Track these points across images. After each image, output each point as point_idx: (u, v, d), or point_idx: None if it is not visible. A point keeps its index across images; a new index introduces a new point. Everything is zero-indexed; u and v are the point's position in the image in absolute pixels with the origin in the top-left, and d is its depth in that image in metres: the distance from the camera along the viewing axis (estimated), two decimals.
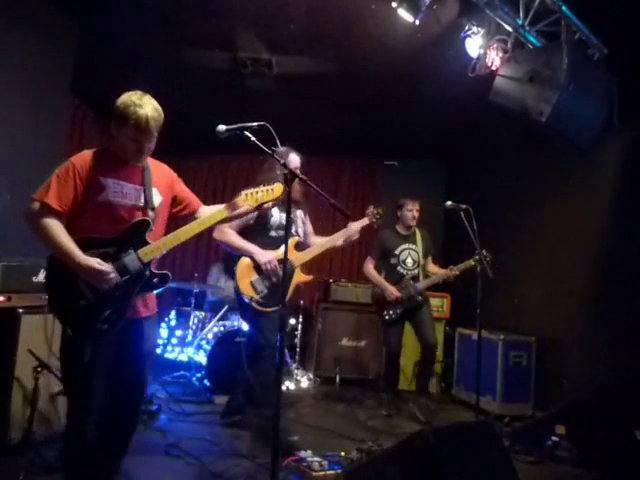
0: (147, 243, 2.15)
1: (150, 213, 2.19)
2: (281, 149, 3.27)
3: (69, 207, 2.05)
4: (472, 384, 3.66)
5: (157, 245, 2.16)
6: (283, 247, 3.14)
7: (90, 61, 4.25)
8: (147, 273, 2.16)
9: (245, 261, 3.20)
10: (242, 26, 3.84)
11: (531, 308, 4.65)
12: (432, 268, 4.47)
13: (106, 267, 2.03)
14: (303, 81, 4.59)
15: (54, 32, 3.75)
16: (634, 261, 3.54)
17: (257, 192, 2.35)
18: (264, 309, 3.16)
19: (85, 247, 2.03)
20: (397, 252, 4.36)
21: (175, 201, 2.38)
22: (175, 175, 2.43)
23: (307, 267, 5.60)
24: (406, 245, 4.38)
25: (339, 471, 2.67)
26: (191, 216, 2.43)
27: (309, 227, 3.57)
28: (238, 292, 3.22)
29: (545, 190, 4.64)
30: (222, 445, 3.12)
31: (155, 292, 2.26)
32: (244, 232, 3.24)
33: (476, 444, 2.29)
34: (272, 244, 3.23)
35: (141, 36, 4.03)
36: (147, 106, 2.08)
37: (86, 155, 2.14)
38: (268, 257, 3.16)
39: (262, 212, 3.13)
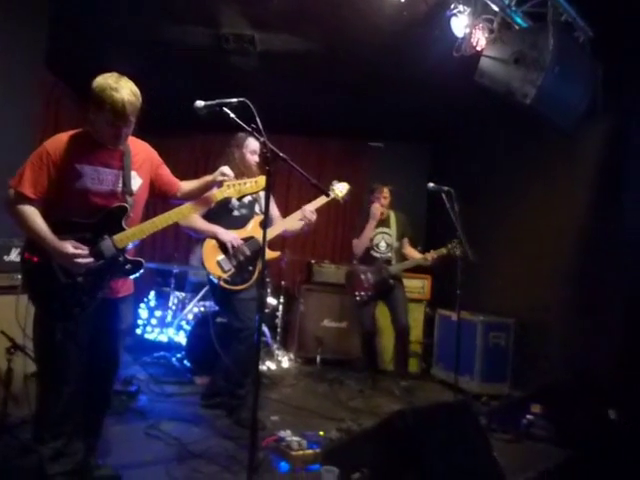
0: (123, 229, 2.15)
1: (128, 199, 2.18)
2: (240, 135, 3.33)
3: (44, 193, 2.05)
4: (451, 364, 3.71)
5: (133, 232, 2.16)
6: (248, 225, 3.28)
7: (66, 36, 4.09)
8: (121, 259, 2.16)
9: (210, 242, 3.23)
10: (225, 1, 3.73)
11: (511, 290, 4.71)
12: (410, 251, 4.50)
13: (80, 250, 2.03)
14: (287, 59, 4.50)
15: (26, 5, 3.59)
16: (614, 245, 3.59)
17: (239, 184, 2.36)
18: (232, 287, 3.16)
19: (61, 231, 2.04)
20: (371, 236, 4.44)
21: (155, 183, 2.36)
22: (156, 156, 2.40)
23: (291, 248, 5.62)
24: (380, 229, 4.46)
25: (318, 450, 2.69)
26: (170, 197, 2.43)
27: (276, 211, 3.55)
28: (207, 273, 3.25)
29: (528, 173, 4.67)
30: (202, 426, 3.13)
31: (128, 278, 2.26)
32: (207, 216, 3.25)
33: (454, 423, 2.33)
34: (236, 223, 3.29)
35: (120, 10, 3.89)
36: (123, 90, 2.02)
37: (61, 140, 2.09)
38: (230, 235, 3.21)
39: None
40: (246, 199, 3.31)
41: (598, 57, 3.35)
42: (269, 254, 3.34)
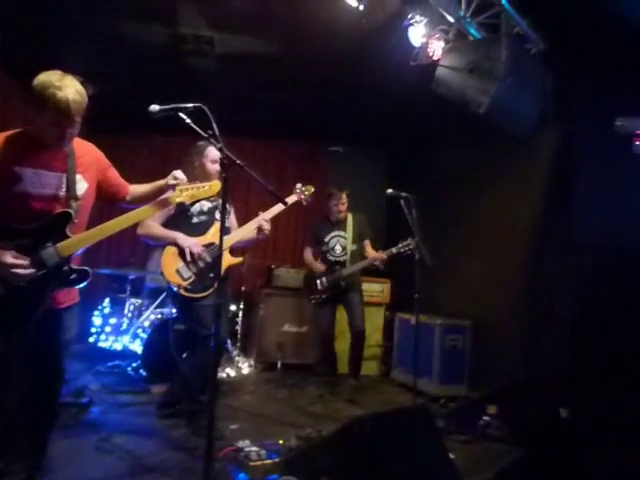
0: (67, 237, 2.03)
1: (73, 204, 2.06)
2: (200, 144, 3.26)
3: None
4: (411, 367, 3.76)
5: (78, 239, 2.05)
6: (209, 232, 3.20)
7: (17, 31, 3.92)
8: (65, 268, 2.04)
9: (171, 249, 3.13)
10: (184, 0, 3.66)
11: (468, 293, 4.82)
12: (370, 252, 4.51)
13: (21, 261, 1.91)
14: (247, 61, 4.45)
15: None
16: (565, 248, 3.73)
17: (192, 188, 2.29)
18: (193, 295, 3.08)
19: None
20: (327, 240, 4.50)
21: (102, 186, 2.26)
22: (103, 158, 2.30)
23: (251, 253, 5.56)
24: (335, 232, 4.50)
25: (277, 460, 2.66)
26: (119, 201, 2.35)
27: (233, 220, 3.51)
28: (167, 281, 3.15)
29: (483, 178, 4.79)
30: (157, 437, 3.04)
31: (74, 288, 2.16)
32: (167, 224, 3.17)
33: (412, 428, 2.35)
34: (196, 230, 3.20)
35: (75, 5, 3.74)
36: (68, 88, 1.93)
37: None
38: (191, 242, 3.12)
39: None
40: (205, 206, 3.25)
41: (549, 68, 3.47)
42: (231, 260, 3.28)
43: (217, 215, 3.33)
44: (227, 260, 3.24)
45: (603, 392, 3.28)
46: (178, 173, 2.35)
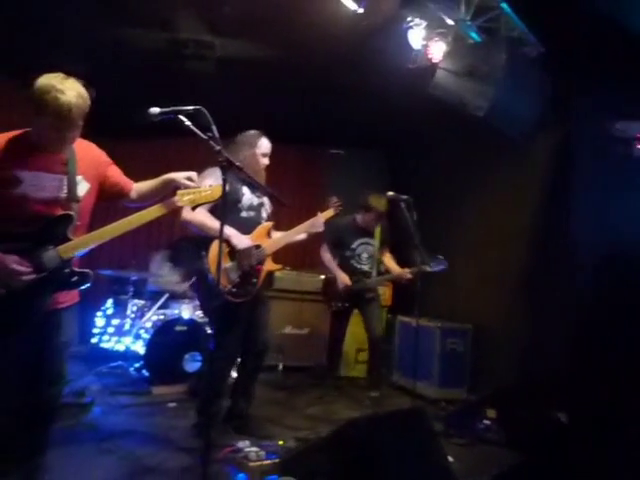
0: (69, 239, 2.02)
1: (74, 206, 2.05)
2: (252, 133, 3.16)
3: None
4: (411, 370, 3.76)
5: (80, 242, 2.03)
6: (258, 230, 3.07)
7: (18, 34, 3.96)
8: (66, 271, 2.03)
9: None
10: (183, 6, 3.69)
11: (468, 296, 4.82)
12: (388, 261, 4.38)
13: (24, 267, 1.90)
14: (246, 66, 4.48)
15: None
16: (563, 250, 3.73)
17: (194, 193, 2.25)
18: (235, 300, 2.90)
19: None
20: (354, 245, 4.29)
21: (105, 185, 2.24)
22: (104, 156, 2.27)
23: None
24: (364, 239, 4.30)
25: (276, 460, 2.67)
26: (123, 198, 2.32)
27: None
28: (208, 280, 2.87)
29: (481, 180, 4.80)
30: (157, 438, 3.07)
31: (75, 290, 2.15)
32: (213, 212, 2.94)
33: (408, 430, 2.35)
34: (243, 226, 3.01)
35: (76, 10, 3.78)
36: (69, 92, 1.89)
37: None
38: (247, 242, 2.95)
39: (233, 190, 2.95)
40: (255, 201, 3.12)
41: (548, 71, 3.48)
42: (272, 266, 3.16)
43: (264, 213, 3.21)
44: (269, 265, 3.12)
45: (603, 396, 3.28)
46: (194, 175, 2.30)
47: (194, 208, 2.36)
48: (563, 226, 3.72)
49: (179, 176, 2.28)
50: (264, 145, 3.16)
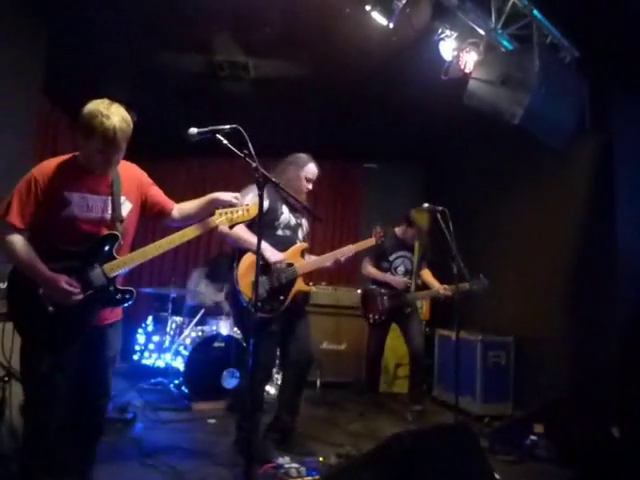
0: (114, 258, 2.11)
1: (118, 226, 2.14)
2: (302, 156, 3.21)
3: (32, 222, 2.02)
4: (452, 385, 3.67)
5: (123, 260, 2.12)
6: (292, 249, 3.11)
7: (63, 63, 4.18)
8: (111, 289, 2.11)
9: (251, 258, 2.93)
10: (218, 29, 3.82)
11: (509, 308, 4.69)
12: (427, 276, 4.33)
13: (74, 288, 1.98)
14: (280, 85, 4.58)
15: (24, 33, 3.67)
16: (609, 261, 3.60)
17: (231, 212, 2.32)
18: (261, 315, 2.89)
19: (48, 259, 1.99)
20: (391, 258, 4.27)
21: (146, 205, 2.32)
22: (145, 177, 2.36)
23: None
24: (402, 252, 4.29)
25: (317, 477, 2.64)
26: (165, 218, 2.39)
27: (306, 239, 3.40)
28: (236, 292, 2.95)
29: (520, 191, 4.70)
30: (199, 453, 3.08)
31: (119, 307, 2.22)
32: (250, 227, 2.99)
33: (453, 446, 2.29)
34: (278, 244, 3.04)
35: (115, 39, 3.98)
36: (114, 117, 1.98)
37: (49, 167, 2.06)
38: (279, 257, 2.97)
39: (272, 208, 3.03)
40: (292, 221, 3.16)
41: (584, 76, 3.41)
42: (302, 287, 3.16)
43: (300, 234, 3.24)
44: (299, 285, 3.12)
45: None
46: (239, 196, 2.37)
47: (232, 227, 2.40)
48: (608, 235, 3.59)
49: (224, 196, 2.34)
50: (310, 170, 3.19)
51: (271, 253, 2.96)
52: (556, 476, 3.00)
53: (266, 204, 2.80)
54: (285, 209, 3.16)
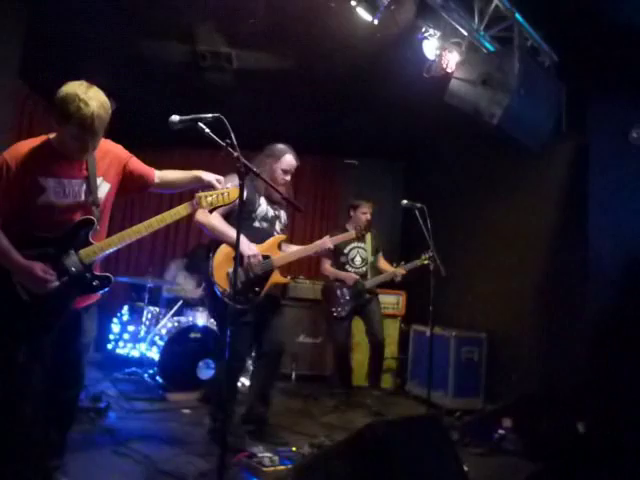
0: (90, 243, 2.05)
1: (95, 210, 2.08)
2: (279, 147, 3.17)
3: (5, 209, 1.94)
4: (425, 379, 3.74)
5: (100, 246, 2.06)
6: (266, 242, 3.10)
7: (41, 48, 4.08)
8: (88, 275, 2.06)
9: (226, 249, 2.96)
10: (201, 19, 3.78)
11: (483, 305, 4.79)
12: (384, 265, 4.55)
13: (49, 276, 1.93)
14: (263, 77, 4.56)
15: (1, 15, 3.58)
16: (580, 260, 3.70)
17: (212, 195, 2.29)
18: (234, 305, 2.89)
19: (22, 245, 1.92)
20: (346, 251, 4.46)
21: (128, 179, 2.24)
22: (121, 150, 2.27)
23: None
24: (355, 244, 4.45)
25: (290, 466, 2.67)
26: (150, 186, 2.33)
27: (285, 231, 3.41)
28: (210, 283, 2.97)
29: (497, 189, 4.79)
30: (173, 443, 3.07)
31: (96, 294, 2.18)
32: (227, 218, 3.00)
33: (424, 436, 2.34)
34: (254, 236, 3.04)
35: (96, 25, 3.90)
36: (93, 102, 1.87)
37: (22, 151, 1.96)
38: (254, 250, 2.96)
39: (249, 199, 3.01)
40: (269, 213, 3.16)
41: (563, 80, 3.49)
42: (279, 278, 3.17)
43: (277, 226, 3.23)
44: (275, 277, 3.12)
45: (621, 405, 3.23)
46: (222, 179, 2.36)
47: (211, 211, 2.39)
48: (581, 235, 3.69)
49: (207, 176, 2.31)
50: (287, 162, 3.16)
51: (245, 246, 2.95)
52: (522, 469, 3.08)
53: (244, 195, 2.80)
54: (263, 201, 3.16)
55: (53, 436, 2.18)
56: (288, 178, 3.20)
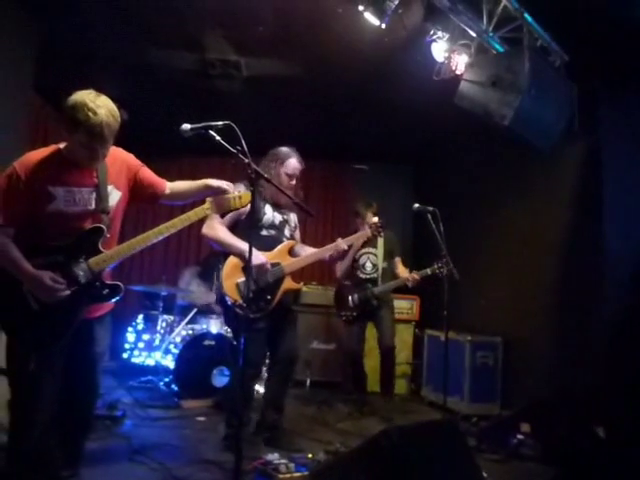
0: (100, 251, 2.05)
1: (104, 218, 2.08)
2: (282, 150, 3.17)
3: (16, 219, 1.95)
4: (441, 385, 3.70)
5: (110, 254, 2.06)
6: (275, 249, 3.09)
7: (54, 59, 4.15)
8: (97, 284, 2.05)
9: (234, 260, 2.97)
10: (210, 27, 3.82)
11: (497, 309, 4.73)
12: (402, 271, 4.45)
13: (58, 285, 1.93)
14: (272, 83, 4.59)
15: (14, 28, 3.64)
16: (596, 263, 3.64)
17: (223, 199, 2.29)
18: (246, 314, 2.87)
19: (32, 254, 1.93)
20: (357, 257, 4.41)
21: (138, 188, 2.25)
22: (132, 159, 2.28)
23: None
24: (366, 249, 4.42)
25: (306, 473, 2.65)
26: (160, 197, 2.33)
27: (298, 236, 3.40)
28: (222, 294, 3.00)
29: (510, 192, 4.75)
30: (188, 450, 3.08)
31: (107, 303, 2.17)
32: (234, 229, 3.00)
33: (440, 442, 2.31)
34: (264, 244, 3.03)
35: (107, 35, 3.96)
36: (101, 110, 1.89)
37: (32, 161, 1.97)
38: (261, 259, 2.94)
39: (255, 207, 2.95)
40: (277, 219, 3.15)
41: (574, 80, 3.46)
42: (291, 285, 3.14)
43: (287, 232, 3.22)
44: (287, 284, 3.10)
45: (638, 408, 3.17)
46: (231, 186, 2.35)
47: (223, 215, 2.39)
48: (595, 237, 3.64)
49: (217, 183, 2.31)
50: (291, 165, 3.15)
51: (253, 256, 2.96)
52: (541, 475, 3.03)
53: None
54: (268, 208, 3.14)
55: (67, 445, 2.18)
56: (294, 182, 3.19)
